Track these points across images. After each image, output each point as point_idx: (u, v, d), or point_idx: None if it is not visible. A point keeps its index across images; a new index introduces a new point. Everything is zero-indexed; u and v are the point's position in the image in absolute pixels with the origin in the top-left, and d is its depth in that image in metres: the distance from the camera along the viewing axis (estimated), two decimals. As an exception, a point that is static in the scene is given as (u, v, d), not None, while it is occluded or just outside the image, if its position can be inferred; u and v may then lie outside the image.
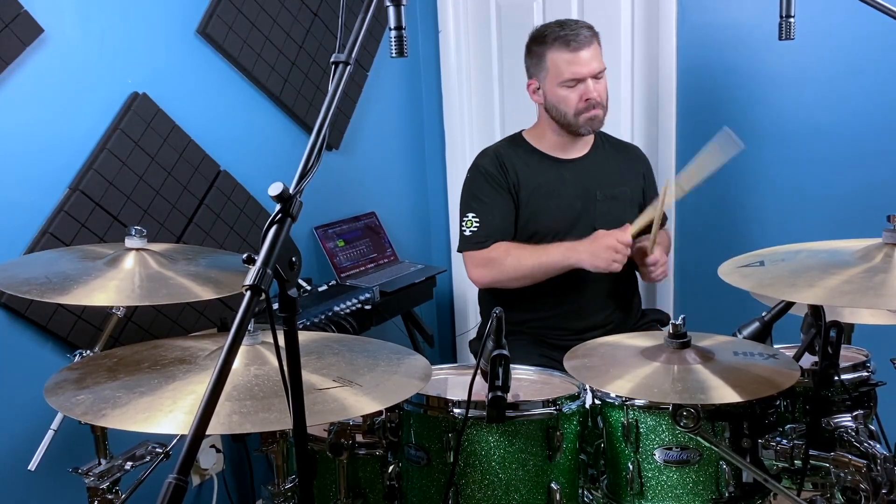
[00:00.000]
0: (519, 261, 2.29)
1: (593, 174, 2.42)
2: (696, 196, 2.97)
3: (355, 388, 1.32)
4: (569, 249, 2.24)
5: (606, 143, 2.51)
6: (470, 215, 2.36)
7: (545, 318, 2.39)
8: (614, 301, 2.43)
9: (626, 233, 2.21)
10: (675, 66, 2.91)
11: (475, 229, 2.34)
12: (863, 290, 1.34)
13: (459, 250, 2.42)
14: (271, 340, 1.06)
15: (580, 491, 1.60)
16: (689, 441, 1.49)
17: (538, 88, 2.37)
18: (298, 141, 2.71)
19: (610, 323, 2.41)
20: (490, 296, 2.48)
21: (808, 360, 1.58)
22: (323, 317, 2.42)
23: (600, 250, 2.19)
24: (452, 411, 1.49)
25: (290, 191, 1.04)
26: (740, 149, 2.17)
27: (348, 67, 1.16)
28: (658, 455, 1.51)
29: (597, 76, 2.31)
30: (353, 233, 2.93)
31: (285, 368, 1.05)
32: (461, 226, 2.38)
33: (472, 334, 3.33)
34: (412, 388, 1.40)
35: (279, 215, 1.02)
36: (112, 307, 1.72)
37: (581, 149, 2.44)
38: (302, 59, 2.67)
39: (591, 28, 2.33)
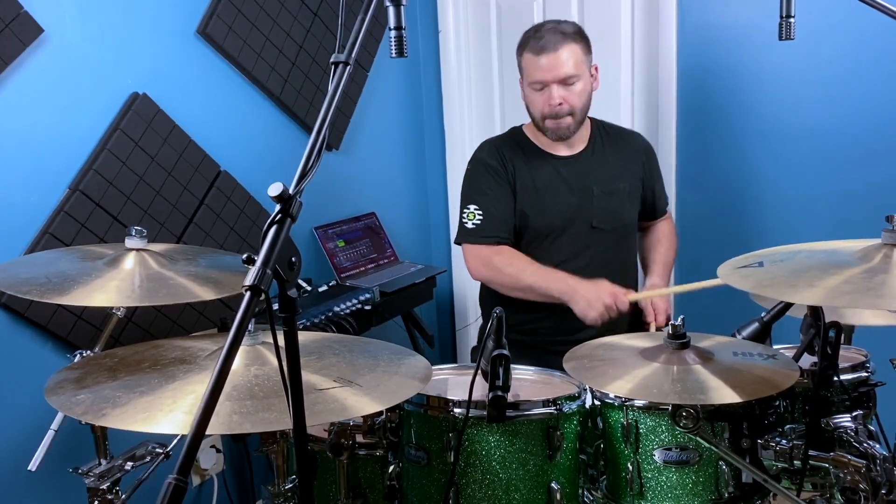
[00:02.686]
0: (519, 274, 2.29)
1: (590, 171, 2.41)
2: (696, 196, 2.99)
3: (355, 388, 1.32)
4: (569, 288, 2.23)
5: (605, 136, 2.47)
6: (472, 207, 2.36)
7: (544, 318, 2.38)
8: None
9: (626, 299, 2.22)
10: (675, 66, 2.91)
11: (478, 222, 2.34)
12: (863, 291, 1.34)
13: (458, 241, 2.41)
14: (271, 340, 1.06)
15: (580, 491, 1.60)
16: (688, 441, 1.49)
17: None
18: (298, 141, 2.71)
19: (608, 327, 2.41)
20: (491, 295, 2.48)
21: (807, 361, 1.58)
22: (323, 317, 2.42)
23: (597, 302, 2.19)
24: (453, 411, 1.49)
25: (290, 191, 1.04)
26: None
27: (348, 67, 1.16)
28: (658, 455, 1.51)
29: (565, 82, 2.26)
30: (353, 233, 2.93)
31: (285, 368, 1.05)
32: (462, 217, 2.38)
33: (473, 333, 3.33)
34: (412, 388, 1.40)
35: (279, 215, 1.02)
36: (112, 307, 1.72)
37: (577, 145, 2.42)
38: (302, 59, 2.68)
39: (566, 32, 2.26)
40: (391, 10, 1.28)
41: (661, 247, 2.53)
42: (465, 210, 2.38)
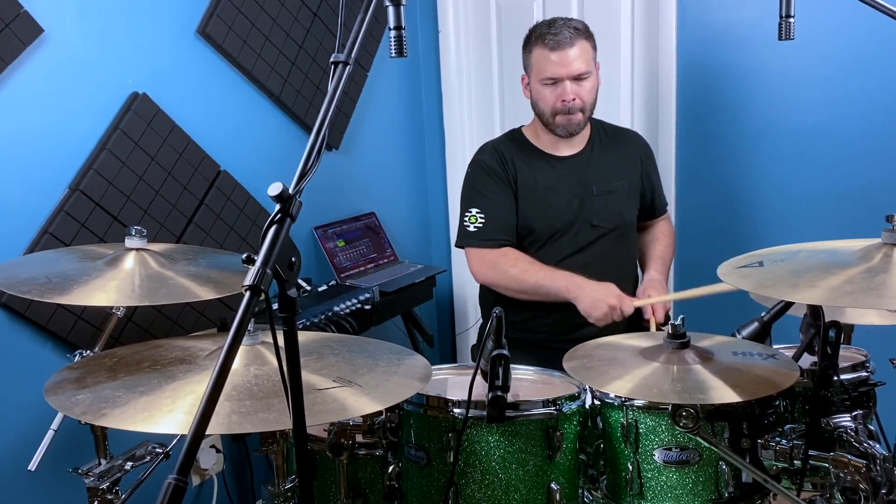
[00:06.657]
0: (523, 275, 2.30)
1: (589, 170, 2.42)
2: (697, 196, 2.99)
3: (355, 388, 1.32)
4: (575, 286, 2.24)
5: (603, 135, 2.49)
6: (474, 210, 2.37)
7: (545, 316, 2.38)
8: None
9: (632, 304, 2.23)
10: (675, 65, 2.91)
11: (480, 225, 2.35)
12: (863, 291, 1.34)
13: (461, 245, 2.42)
14: (271, 340, 1.06)
15: (580, 491, 1.60)
16: (688, 441, 1.49)
17: (528, 84, 2.39)
18: (298, 141, 2.71)
19: (609, 325, 2.41)
20: (491, 295, 2.49)
21: (807, 360, 1.58)
22: (323, 317, 2.42)
23: (602, 303, 2.20)
24: (452, 411, 1.49)
25: (290, 191, 1.04)
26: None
27: (348, 67, 1.16)
28: (657, 455, 1.51)
29: (578, 78, 2.28)
30: (353, 233, 2.93)
31: (285, 368, 1.05)
32: (463, 220, 2.38)
33: (472, 333, 3.33)
34: (412, 388, 1.40)
35: (279, 215, 1.03)
36: (112, 307, 1.72)
37: (577, 145, 2.44)
38: (302, 59, 2.68)
39: (579, 29, 2.29)
40: (391, 10, 1.28)
41: (659, 244, 2.54)
42: (466, 213, 2.38)
